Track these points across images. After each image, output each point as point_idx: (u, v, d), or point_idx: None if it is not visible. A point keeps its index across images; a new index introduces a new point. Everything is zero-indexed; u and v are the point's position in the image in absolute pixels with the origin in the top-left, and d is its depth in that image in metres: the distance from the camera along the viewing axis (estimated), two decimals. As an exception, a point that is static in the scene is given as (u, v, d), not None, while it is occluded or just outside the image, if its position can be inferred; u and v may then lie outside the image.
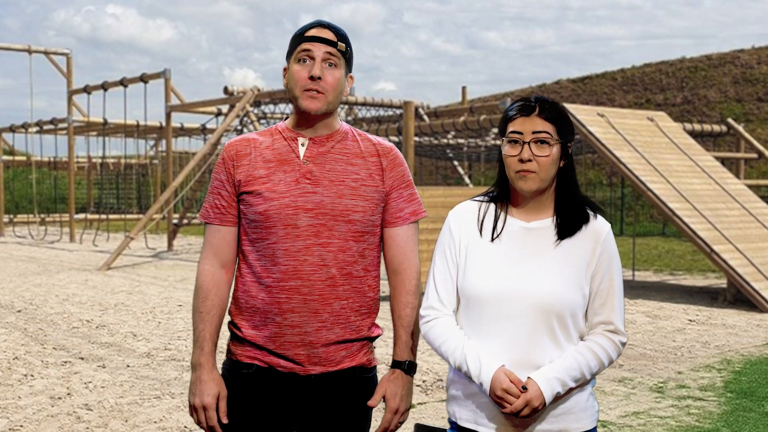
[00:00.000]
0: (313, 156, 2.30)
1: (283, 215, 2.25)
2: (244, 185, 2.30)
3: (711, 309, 9.93)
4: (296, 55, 2.28)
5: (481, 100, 36.05)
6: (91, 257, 16.83)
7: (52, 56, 24.49)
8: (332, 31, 2.29)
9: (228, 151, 2.35)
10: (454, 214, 2.27)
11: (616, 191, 24.91)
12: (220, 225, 2.34)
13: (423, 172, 28.73)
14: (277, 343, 2.27)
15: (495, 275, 2.14)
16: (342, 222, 2.27)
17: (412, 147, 11.13)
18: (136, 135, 24.90)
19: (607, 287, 2.16)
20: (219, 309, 2.34)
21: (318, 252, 2.25)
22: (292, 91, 2.30)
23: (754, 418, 5.22)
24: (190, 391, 2.32)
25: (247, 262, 2.32)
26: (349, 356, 2.32)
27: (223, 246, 2.35)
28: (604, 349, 2.15)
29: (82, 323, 8.63)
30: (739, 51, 31.93)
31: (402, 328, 2.40)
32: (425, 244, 10.16)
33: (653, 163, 11.51)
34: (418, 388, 5.93)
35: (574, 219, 2.17)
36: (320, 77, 2.24)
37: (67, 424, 5.00)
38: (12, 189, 29.78)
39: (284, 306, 2.25)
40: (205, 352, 2.31)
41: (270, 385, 2.29)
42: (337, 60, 2.28)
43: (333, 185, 2.28)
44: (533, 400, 2.05)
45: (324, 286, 2.26)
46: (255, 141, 2.35)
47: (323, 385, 2.29)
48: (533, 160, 2.10)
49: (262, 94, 16.63)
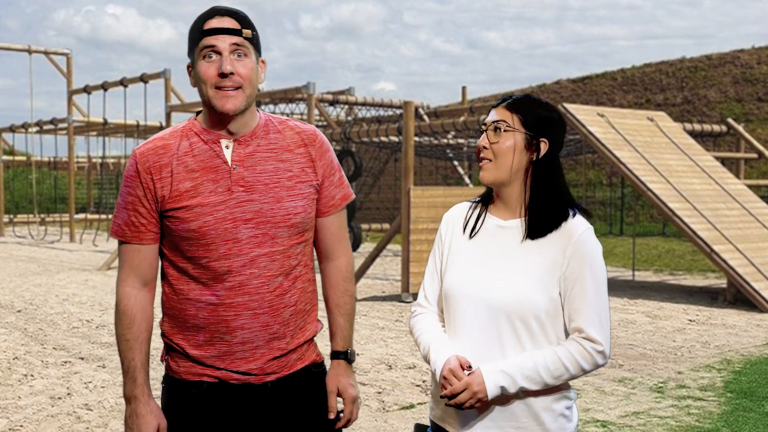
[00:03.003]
0: (242, 159, 2.11)
1: (221, 230, 2.07)
2: (168, 201, 2.08)
3: (711, 309, 9.92)
4: (200, 52, 2.08)
5: (481, 100, 36.03)
6: (91, 257, 16.83)
7: (52, 56, 24.48)
8: (234, 18, 2.09)
9: (142, 163, 2.10)
10: (447, 215, 2.27)
11: (616, 191, 24.89)
12: (139, 244, 2.13)
13: (423, 172, 28.72)
14: (227, 361, 2.12)
15: (464, 273, 2.12)
16: (284, 227, 2.12)
17: (412, 147, 11.10)
18: (136, 135, 24.86)
19: (579, 291, 2.02)
20: (147, 333, 2.16)
21: (264, 263, 2.10)
22: (203, 90, 2.09)
23: (754, 418, 5.21)
24: (127, 426, 2.14)
25: (182, 279, 2.13)
26: (300, 358, 2.22)
27: (144, 266, 2.15)
28: (571, 355, 2.01)
29: (82, 323, 8.64)
30: (739, 51, 31.92)
31: (341, 316, 2.30)
32: (425, 244, 10.16)
33: (653, 163, 11.51)
34: (418, 388, 5.93)
35: (545, 218, 2.07)
36: (232, 72, 2.05)
37: (67, 424, 5.00)
38: (12, 189, 29.75)
39: (233, 324, 2.10)
40: (138, 384, 2.12)
41: (223, 400, 2.14)
42: (245, 49, 2.09)
43: (268, 189, 2.11)
44: (473, 384, 1.97)
45: (273, 297, 2.13)
46: (169, 147, 2.11)
47: (280, 391, 2.18)
48: (488, 147, 2.09)
49: (261, 94, 16.62)
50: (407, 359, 6.85)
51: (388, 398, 5.63)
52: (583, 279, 2.03)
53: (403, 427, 5.02)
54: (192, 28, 2.12)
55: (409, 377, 6.23)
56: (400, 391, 5.82)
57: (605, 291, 2.06)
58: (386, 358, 6.90)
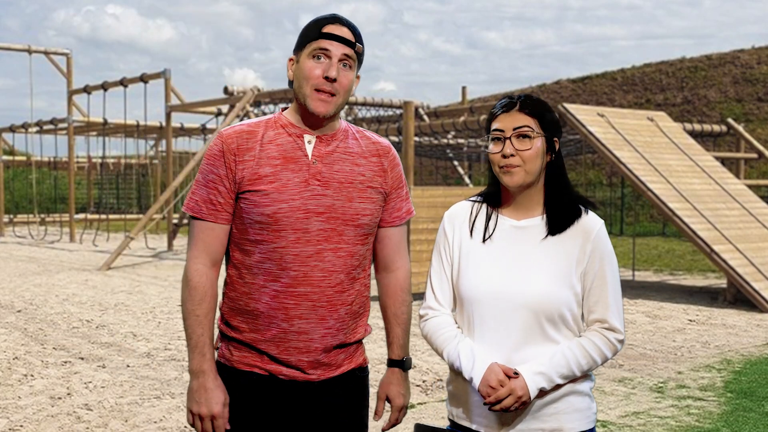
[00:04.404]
0: (321, 156, 2.21)
1: (294, 219, 2.15)
2: (247, 183, 2.16)
3: (711, 309, 9.93)
4: (311, 51, 2.17)
5: (481, 100, 36.03)
6: (91, 257, 16.83)
7: (52, 56, 24.49)
8: (350, 29, 2.20)
9: (228, 144, 2.18)
10: (449, 215, 2.28)
11: (616, 191, 24.90)
12: (214, 222, 2.20)
13: (423, 172, 28.73)
14: (280, 348, 2.19)
15: (486, 275, 2.14)
16: (351, 226, 2.21)
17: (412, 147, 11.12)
18: (136, 135, 24.89)
19: (600, 284, 2.13)
20: (214, 312, 2.24)
21: (329, 258, 2.18)
22: (300, 86, 2.18)
23: (754, 418, 5.22)
24: (193, 400, 2.19)
25: (247, 264, 2.20)
26: (348, 359, 2.29)
27: (215, 245, 2.21)
28: (597, 347, 2.12)
29: (82, 323, 8.64)
30: (739, 51, 31.92)
31: (399, 326, 2.39)
32: (425, 244, 10.16)
33: (653, 163, 11.51)
34: (418, 388, 5.93)
35: (563, 216, 2.15)
36: (335, 79, 2.15)
37: (67, 424, 5.00)
38: (12, 189, 29.76)
39: (291, 312, 2.17)
40: (207, 358, 2.19)
41: (271, 394, 2.22)
42: (352, 62, 2.20)
43: (342, 187, 2.20)
44: (517, 389, 2.05)
45: (333, 292, 2.20)
46: (256, 134, 2.21)
47: (324, 391, 2.24)
48: (516, 155, 2.11)
49: (262, 94, 16.62)
50: (407, 359, 6.84)
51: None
52: (603, 273, 2.14)
53: (403, 428, 5.01)
54: (309, 27, 2.21)
55: (409, 377, 6.23)
56: (400, 391, 5.81)
57: (619, 282, 2.19)
58: (386, 358, 6.90)
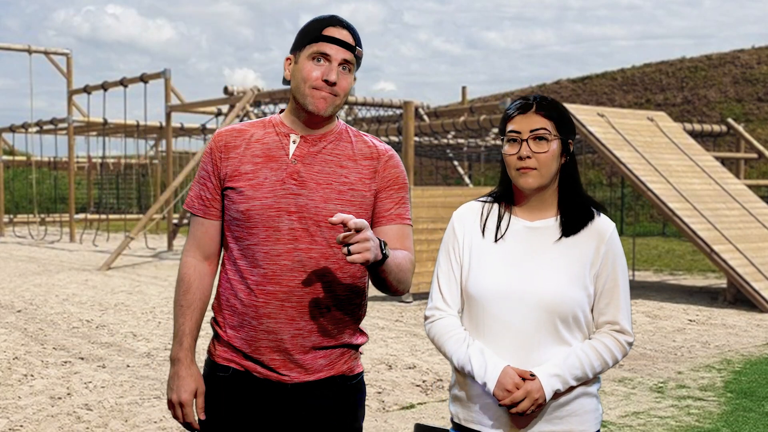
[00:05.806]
0: (303, 155, 2.20)
1: (265, 216, 2.16)
2: (229, 180, 2.21)
3: (711, 309, 9.93)
4: (311, 53, 2.17)
5: (481, 100, 36.04)
6: (91, 257, 16.83)
7: (52, 56, 24.48)
8: (350, 32, 2.20)
9: (217, 142, 2.25)
10: (458, 215, 2.26)
11: (616, 191, 24.90)
12: (203, 218, 2.27)
13: (423, 172, 28.74)
14: (252, 347, 2.20)
15: (498, 275, 2.14)
16: (325, 228, 2.16)
17: (412, 147, 11.13)
18: (136, 135, 24.89)
19: (612, 287, 2.14)
20: (201, 303, 2.27)
21: (298, 257, 2.16)
22: (298, 86, 2.18)
23: (754, 418, 5.22)
24: (168, 386, 2.27)
25: (232, 259, 2.24)
26: (329, 364, 2.22)
27: (205, 239, 2.28)
28: (609, 349, 2.14)
29: (82, 323, 8.64)
30: (739, 51, 31.93)
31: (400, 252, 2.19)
32: (425, 244, 10.15)
33: (653, 163, 11.51)
34: (418, 388, 5.93)
35: (578, 217, 2.16)
36: (335, 83, 2.15)
37: (67, 424, 5.00)
38: (12, 189, 29.76)
39: (261, 310, 2.17)
40: (184, 348, 2.25)
41: (246, 390, 2.23)
42: (351, 65, 2.20)
43: (319, 188, 2.18)
44: (533, 392, 2.05)
45: (302, 293, 2.16)
46: (246, 132, 2.25)
47: (301, 395, 2.20)
48: (532, 157, 2.10)
49: (262, 94, 16.62)
50: (407, 359, 6.85)
51: (388, 398, 5.63)
52: (616, 275, 2.16)
53: (403, 427, 5.02)
54: (308, 28, 2.21)
55: (409, 377, 6.23)
56: (400, 391, 5.82)
57: (629, 285, 2.22)
58: (386, 358, 6.90)
